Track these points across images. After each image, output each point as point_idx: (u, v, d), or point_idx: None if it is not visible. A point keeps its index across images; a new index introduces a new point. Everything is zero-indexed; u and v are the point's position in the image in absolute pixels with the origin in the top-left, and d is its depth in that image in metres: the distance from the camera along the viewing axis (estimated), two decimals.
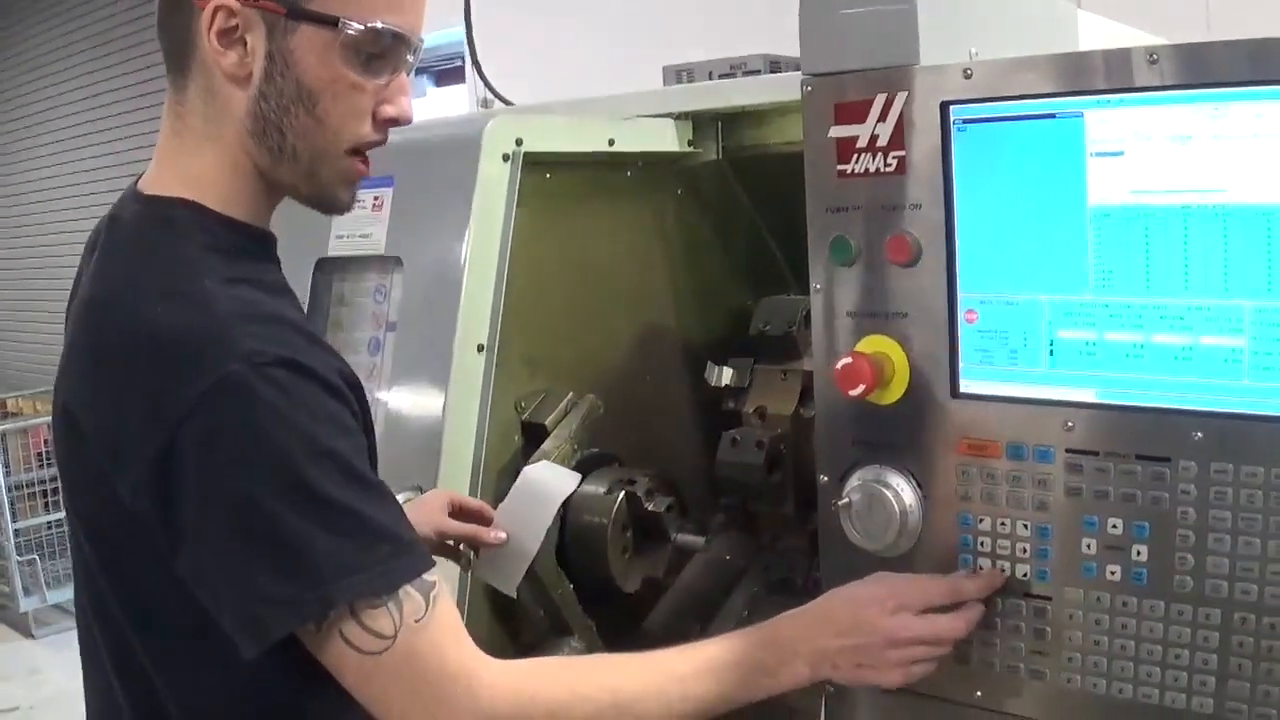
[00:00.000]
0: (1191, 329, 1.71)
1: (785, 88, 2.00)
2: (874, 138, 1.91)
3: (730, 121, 2.76)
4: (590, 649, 2.49)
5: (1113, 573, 1.79)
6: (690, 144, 2.75)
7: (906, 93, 1.87)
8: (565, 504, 2.42)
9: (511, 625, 2.48)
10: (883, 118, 1.89)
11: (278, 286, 1.74)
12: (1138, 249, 1.74)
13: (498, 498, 2.44)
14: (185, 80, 1.69)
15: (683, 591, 2.69)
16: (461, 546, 2.35)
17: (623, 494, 2.48)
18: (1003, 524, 1.87)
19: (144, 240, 1.67)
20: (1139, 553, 1.77)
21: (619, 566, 2.46)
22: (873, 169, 1.92)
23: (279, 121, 1.66)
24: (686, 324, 2.86)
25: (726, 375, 2.64)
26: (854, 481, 1.97)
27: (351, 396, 1.66)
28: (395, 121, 1.73)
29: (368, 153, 1.74)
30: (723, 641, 1.83)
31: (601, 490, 2.50)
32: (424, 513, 2.26)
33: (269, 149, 1.68)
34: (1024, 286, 1.84)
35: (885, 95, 1.89)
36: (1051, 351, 1.83)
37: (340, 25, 1.62)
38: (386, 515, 1.60)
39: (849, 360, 1.90)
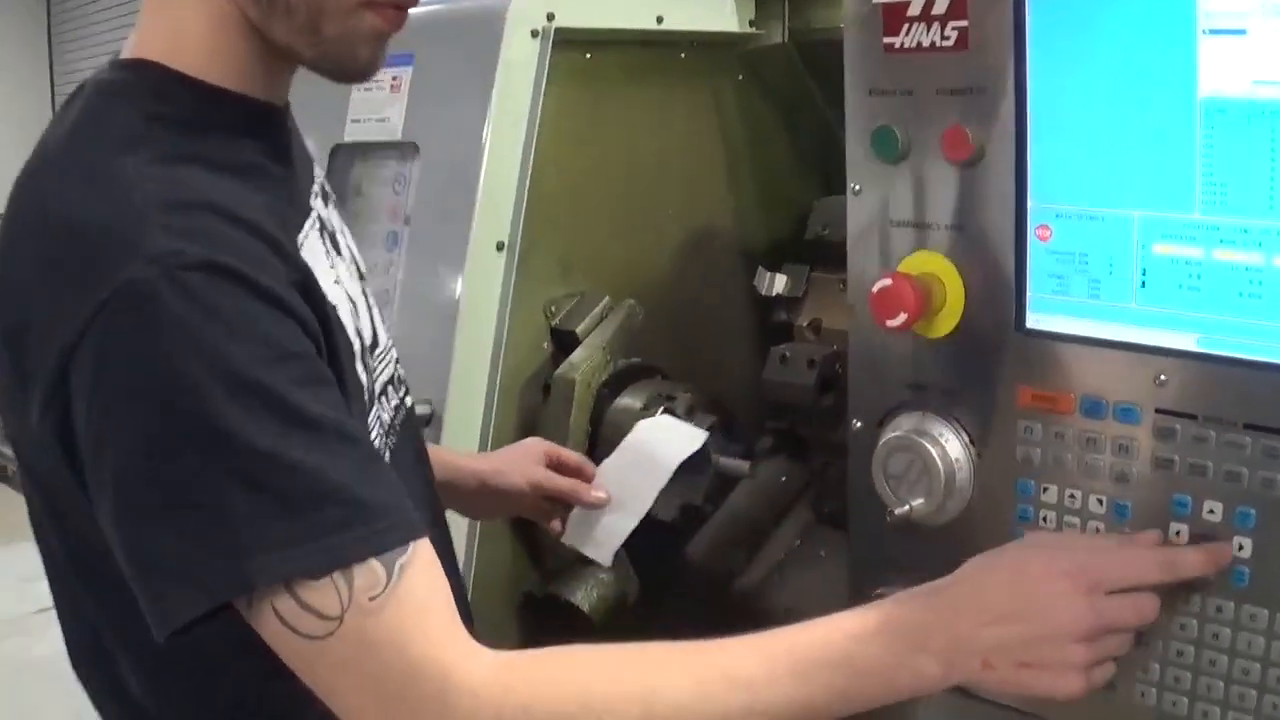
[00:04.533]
0: None
1: None
2: (929, 4, 1.38)
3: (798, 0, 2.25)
4: (621, 579, 2.05)
5: None
6: (752, 24, 2.27)
7: None
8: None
9: (536, 551, 2.06)
10: None
11: (247, 168, 1.24)
12: (1261, 155, 1.20)
13: (521, 412, 2.03)
14: None
15: (728, 517, 2.23)
16: (551, 524, 1.94)
17: (661, 410, 2.03)
18: (1071, 497, 1.36)
19: (82, 110, 1.22)
20: (1241, 546, 1.26)
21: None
22: (927, 43, 1.39)
23: None
24: (742, 224, 2.39)
25: (779, 283, 2.16)
26: (892, 430, 1.46)
27: (308, 311, 1.17)
28: None
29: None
30: (811, 630, 1.24)
31: (637, 405, 2.06)
32: (517, 461, 1.87)
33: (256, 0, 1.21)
34: (1112, 199, 1.31)
35: None
36: (1144, 283, 1.30)
37: None
38: (340, 468, 1.11)
39: (888, 283, 1.39)
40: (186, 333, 1.05)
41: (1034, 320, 1.38)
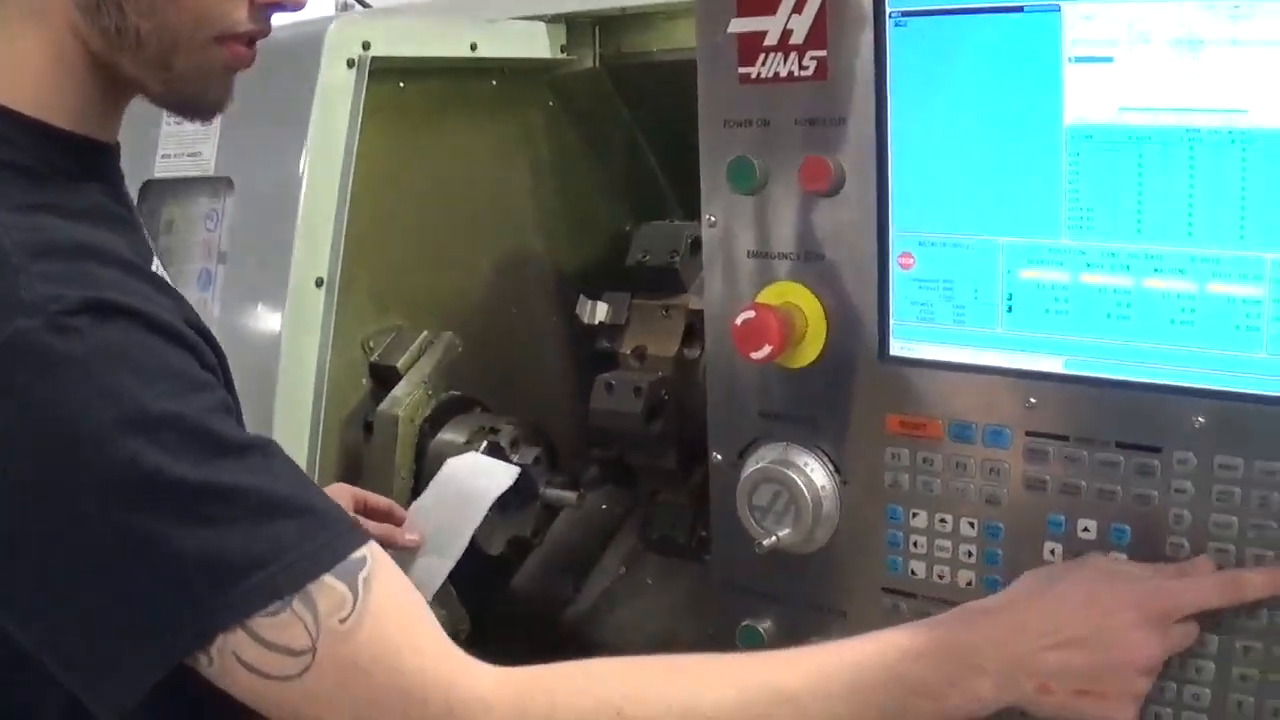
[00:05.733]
0: (1195, 286, 1.20)
1: None
2: (787, 33, 1.36)
3: (609, 25, 2.22)
4: (452, 616, 1.99)
5: None
6: (563, 50, 2.22)
7: None
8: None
9: None
10: (798, 8, 1.35)
11: (101, 212, 1.16)
12: (1127, 182, 1.21)
13: (344, 451, 1.95)
14: None
15: (553, 546, 2.18)
16: None
17: (484, 444, 1.98)
18: (942, 521, 1.36)
19: None
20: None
21: (480, 526, 1.94)
22: (784, 73, 1.37)
23: None
24: (557, 253, 2.33)
25: (601, 311, 2.11)
26: (755, 462, 1.43)
27: (203, 344, 1.10)
28: (280, 6, 1.21)
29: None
30: (863, 646, 1.19)
31: (460, 440, 1.99)
32: None
33: (104, 30, 1.12)
34: (976, 225, 1.30)
35: None
36: (1010, 308, 1.30)
37: None
38: (280, 483, 1.06)
39: (751, 314, 1.37)
40: (87, 379, 0.98)
41: (898, 348, 1.36)
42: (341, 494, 1.79)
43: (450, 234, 2.14)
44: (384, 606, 1.04)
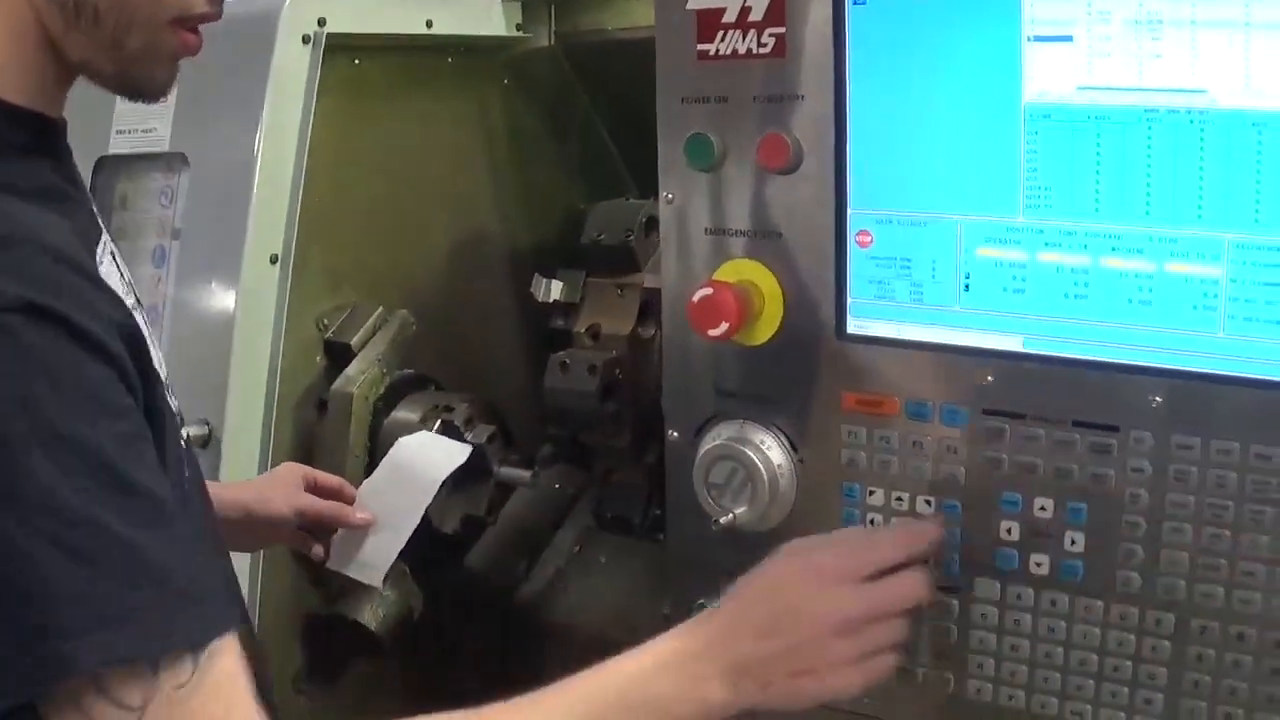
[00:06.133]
0: (1153, 265, 1.19)
1: None
2: (745, 10, 1.34)
3: (565, 3, 2.21)
4: (405, 594, 1.97)
5: (1038, 564, 1.29)
6: (519, 28, 2.20)
7: None
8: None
9: (316, 571, 1.95)
10: None
11: (51, 192, 1.12)
12: (1086, 161, 1.20)
13: (298, 428, 1.93)
14: None
15: (507, 524, 2.16)
16: (313, 550, 1.80)
17: (439, 422, 1.97)
18: (898, 499, 1.35)
19: None
20: (1073, 541, 1.26)
21: (434, 504, 1.92)
22: (743, 50, 1.35)
23: None
24: (512, 231, 2.32)
25: (555, 289, 2.09)
26: (711, 440, 1.42)
27: (129, 361, 1.05)
28: None
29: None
30: (596, 677, 1.18)
31: (414, 418, 1.98)
32: (278, 488, 1.74)
33: (62, 6, 1.09)
34: (934, 203, 1.29)
35: None
36: (967, 286, 1.29)
37: None
38: (162, 548, 0.99)
39: (708, 291, 1.35)
40: (4, 382, 0.94)
41: (855, 325, 1.35)
42: (292, 473, 1.77)
43: (405, 211, 2.12)
44: (219, 684, 1.01)
